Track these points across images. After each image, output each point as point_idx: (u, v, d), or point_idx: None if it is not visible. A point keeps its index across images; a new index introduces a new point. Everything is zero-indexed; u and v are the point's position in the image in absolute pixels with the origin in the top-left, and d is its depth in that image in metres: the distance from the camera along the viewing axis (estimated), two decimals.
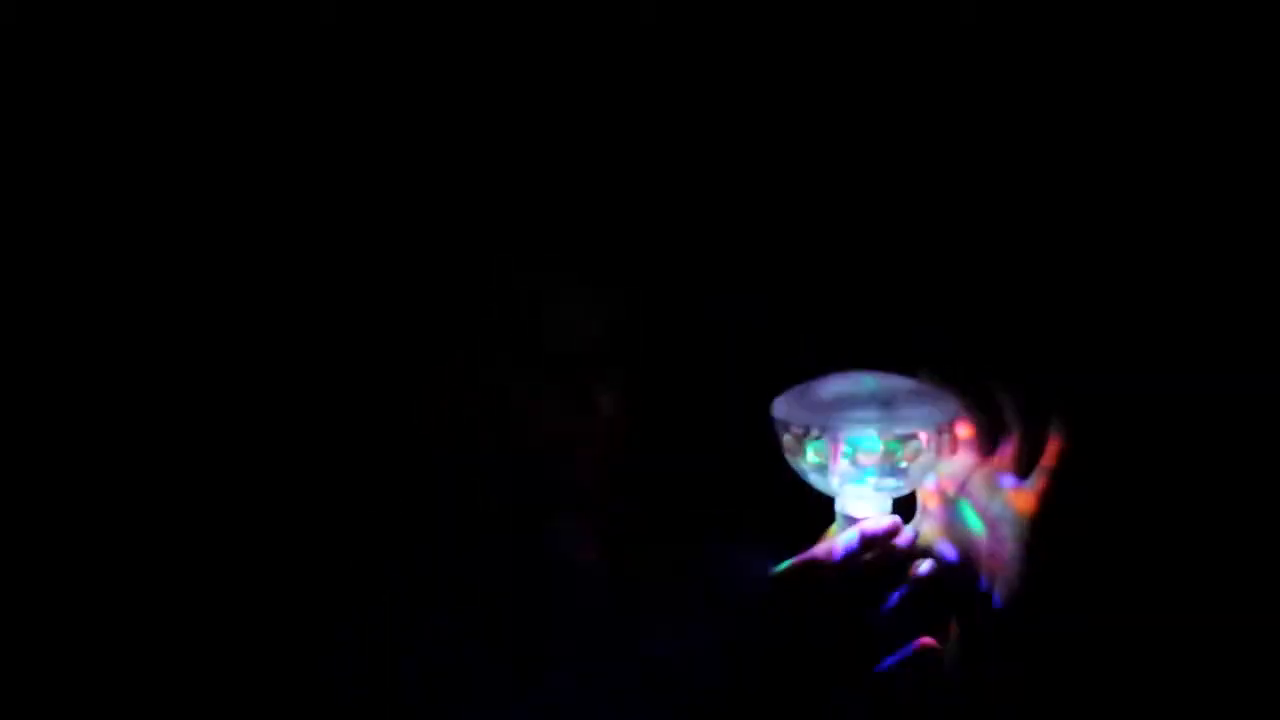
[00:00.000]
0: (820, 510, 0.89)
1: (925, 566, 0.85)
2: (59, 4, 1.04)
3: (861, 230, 1.07)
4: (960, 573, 0.88)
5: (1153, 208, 1.07)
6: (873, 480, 0.86)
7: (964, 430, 0.88)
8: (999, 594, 0.86)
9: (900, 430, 0.86)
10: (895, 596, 0.84)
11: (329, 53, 1.07)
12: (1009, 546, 0.86)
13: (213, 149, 1.11)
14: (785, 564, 0.85)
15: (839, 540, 0.85)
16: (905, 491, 0.88)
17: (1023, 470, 0.88)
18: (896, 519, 0.86)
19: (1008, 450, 0.88)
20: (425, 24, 1.09)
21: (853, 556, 0.84)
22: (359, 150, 1.11)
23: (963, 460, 0.89)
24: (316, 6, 1.07)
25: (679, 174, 1.06)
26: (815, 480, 0.88)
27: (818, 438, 0.86)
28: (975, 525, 0.88)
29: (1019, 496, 0.87)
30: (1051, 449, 0.87)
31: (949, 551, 0.89)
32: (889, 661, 0.83)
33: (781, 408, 0.88)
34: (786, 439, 0.87)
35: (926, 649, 0.84)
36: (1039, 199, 1.08)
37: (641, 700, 0.99)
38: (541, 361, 1.03)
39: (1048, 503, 0.87)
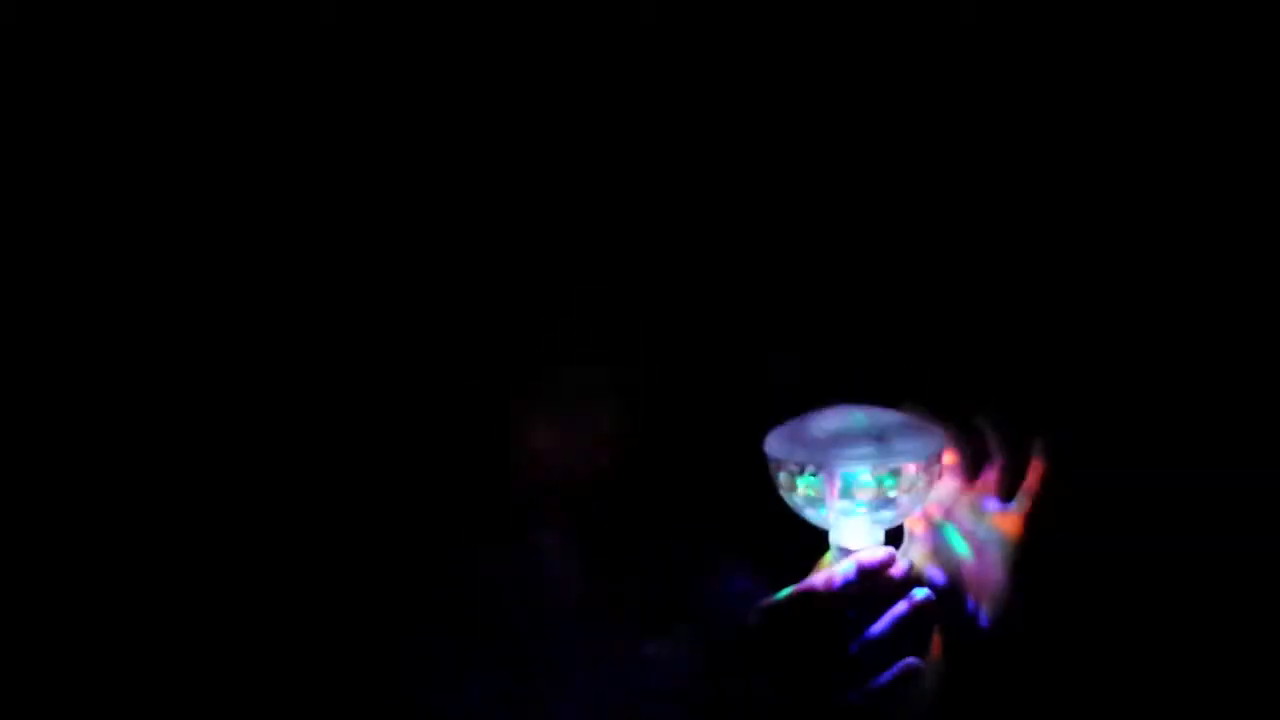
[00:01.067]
0: (807, 535, 0.91)
1: (920, 595, 0.88)
2: (59, 4, 1.03)
3: (847, 265, 1.08)
4: (947, 595, 0.92)
5: (1135, 225, 1.09)
6: (865, 512, 0.88)
7: (948, 457, 0.91)
8: (985, 614, 0.91)
9: (895, 464, 0.87)
10: (887, 622, 0.87)
11: (331, 53, 1.07)
12: (995, 568, 0.91)
13: (214, 151, 1.11)
14: (784, 592, 0.87)
15: (837, 571, 0.86)
16: (898, 522, 0.91)
17: (1006, 494, 0.92)
18: (891, 551, 0.88)
19: (991, 475, 0.91)
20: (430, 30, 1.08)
21: (849, 587, 0.86)
22: (359, 151, 1.12)
23: (947, 486, 0.92)
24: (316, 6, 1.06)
25: (676, 189, 1.07)
26: (808, 514, 0.89)
27: (814, 474, 0.87)
28: (961, 549, 0.92)
29: (1003, 519, 0.91)
30: (1034, 472, 0.92)
31: (936, 575, 0.92)
32: (877, 681, 0.86)
33: (775, 445, 0.89)
34: (781, 476, 0.88)
35: (912, 668, 0.87)
36: (1021, 222, 1.10)
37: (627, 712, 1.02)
38: (544, 372, 1.05)
39: (1031, 524, 0.91)
